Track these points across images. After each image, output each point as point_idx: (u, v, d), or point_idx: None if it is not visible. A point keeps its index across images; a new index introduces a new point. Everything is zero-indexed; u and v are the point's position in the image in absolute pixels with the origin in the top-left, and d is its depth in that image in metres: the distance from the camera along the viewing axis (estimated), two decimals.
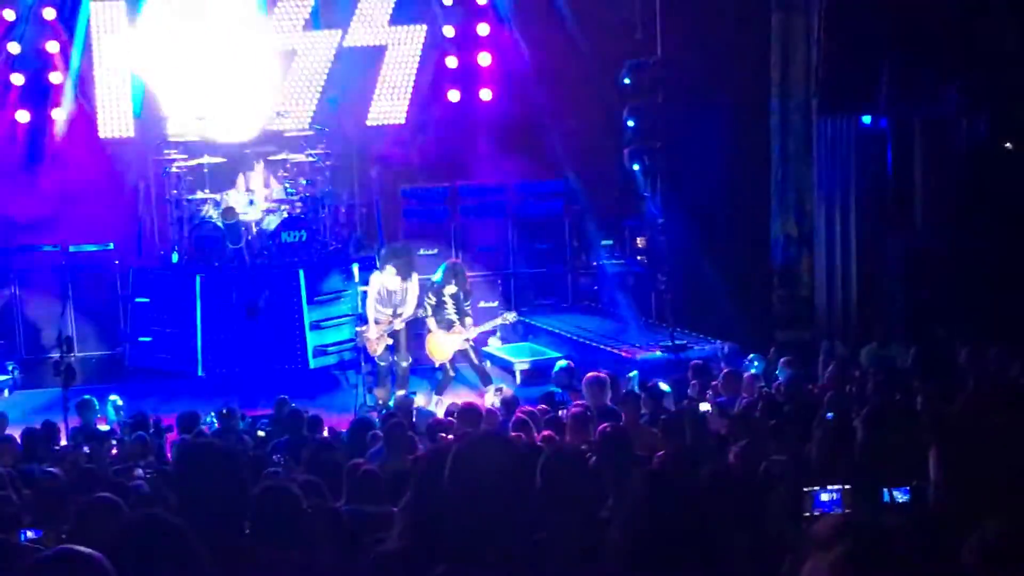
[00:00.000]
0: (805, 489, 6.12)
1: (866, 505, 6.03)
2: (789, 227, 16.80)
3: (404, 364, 14.84)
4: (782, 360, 12.93)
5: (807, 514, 6.00)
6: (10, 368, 17.91)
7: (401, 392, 13.70)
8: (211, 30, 19.53)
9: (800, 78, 16.46)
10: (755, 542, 5.60)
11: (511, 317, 15.33)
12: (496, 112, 20.38)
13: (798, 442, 8.31)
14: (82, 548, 3.48)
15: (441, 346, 14.84)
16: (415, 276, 14.91)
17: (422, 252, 18.12)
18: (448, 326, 14.78)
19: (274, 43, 20.01)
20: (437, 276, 15.01)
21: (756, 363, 13.49)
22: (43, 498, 8.47)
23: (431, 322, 14.84)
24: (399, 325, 14.68)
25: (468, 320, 14.83)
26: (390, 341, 14.82)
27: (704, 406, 10.85)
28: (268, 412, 12.92)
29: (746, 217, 17.03)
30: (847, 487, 6.14)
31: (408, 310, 14.72)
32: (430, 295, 14.83)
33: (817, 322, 16.42)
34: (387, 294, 14.71)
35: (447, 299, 14.76)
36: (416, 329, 15.36)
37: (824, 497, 6.09)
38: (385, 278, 14.71)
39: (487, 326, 15.15)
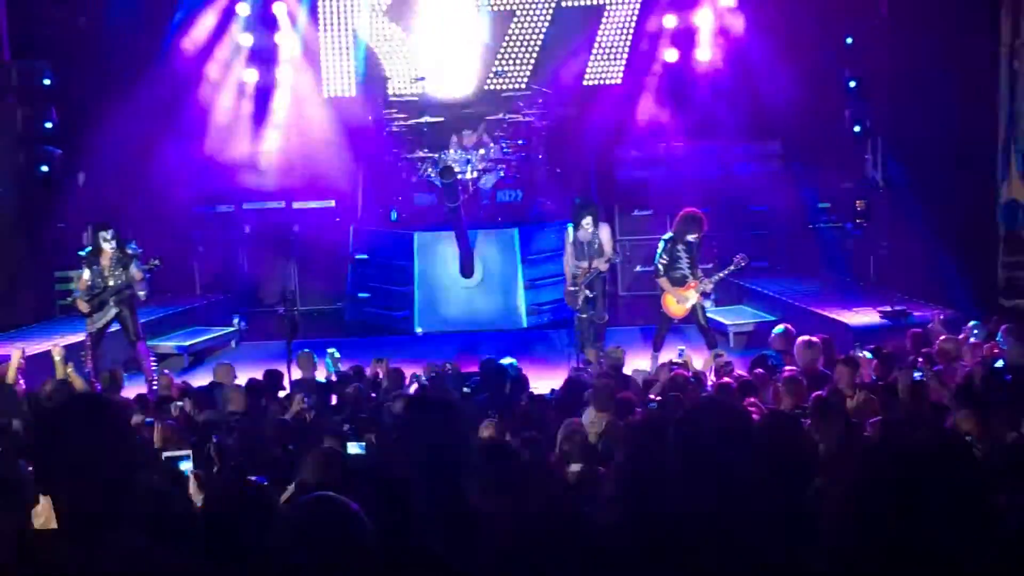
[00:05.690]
0: None
1: None
2: (1017, 192, 16.24)
3: (599, 322, 14.81)
4: (1004, 328, 12.48)
5: None
6: (235, 321, 18.57)
7: (615, 350, 13.55)
8: None
9: None
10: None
11: (743, 260, 14.79)
12: (713, 73, 20.14)
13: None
14: (342, 498, 3.42)
15: (679, 302, 14.55)
16: (605, 225, 14.87)
17: (636, 213, 18.02)
18: (682, 282, 14.52)
19: (493, 4, 20.16)
20: (673, 230, 14.66)
21: (977, 331, 13.05)
22: (268, 446, 8.81)
23: (664, 281, 14.53)
24: (603, 266, 14.64)
25: (699, 273, 14.62)
26: (589, 293, 14.77)
27: (918, 374, 10.56)
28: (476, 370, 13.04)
29: (971, 181, 16.49)
30: None
31: (605, 256, 14.66)
32: (663, 255, 14.55)
33: None
34: (581, 246, 14.71)
35: (681, 252, 14.43)
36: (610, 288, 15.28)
37: None
38: (577, 231, 14.71)
39: (722, 274, 14.75)
